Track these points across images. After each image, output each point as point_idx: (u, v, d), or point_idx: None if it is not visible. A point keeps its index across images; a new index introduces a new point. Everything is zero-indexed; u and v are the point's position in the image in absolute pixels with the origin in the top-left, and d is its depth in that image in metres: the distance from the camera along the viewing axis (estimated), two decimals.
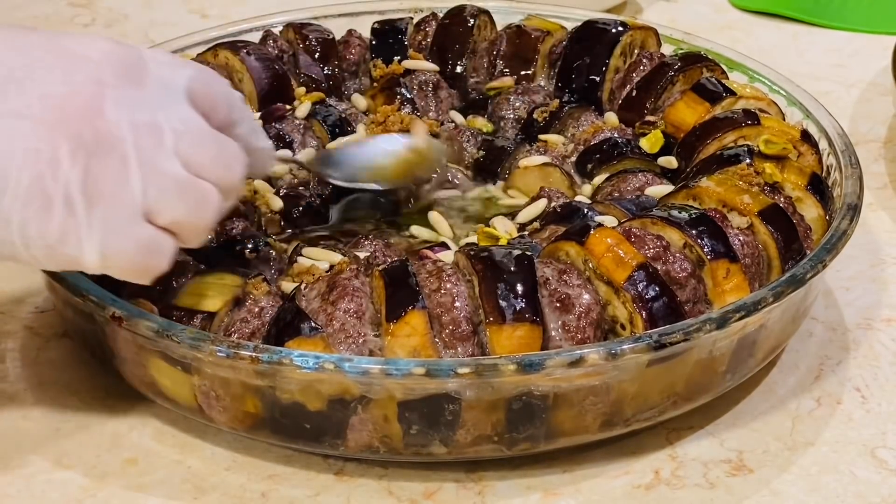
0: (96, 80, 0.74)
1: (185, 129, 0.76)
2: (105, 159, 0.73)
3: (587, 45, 1.07)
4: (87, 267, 0.74)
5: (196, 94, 0.78)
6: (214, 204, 0.77)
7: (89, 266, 0.74)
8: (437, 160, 0.99)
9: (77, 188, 0.72)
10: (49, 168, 0.72)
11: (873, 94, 1.25)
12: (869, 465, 0.83)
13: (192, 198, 0.76)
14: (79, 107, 0.73)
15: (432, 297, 0.80)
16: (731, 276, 0.84)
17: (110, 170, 0.73)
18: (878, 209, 1.08)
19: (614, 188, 0.97)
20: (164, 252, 0.76)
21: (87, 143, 0.72)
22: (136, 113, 0.74)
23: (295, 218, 0.96)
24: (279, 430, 0.80)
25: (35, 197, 0.72)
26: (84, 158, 0.72)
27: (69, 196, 0.72)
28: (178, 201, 0.75)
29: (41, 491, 0.81)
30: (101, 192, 0.73)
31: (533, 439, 0.80)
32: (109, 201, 0.73)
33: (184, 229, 0.76)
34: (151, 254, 0.75)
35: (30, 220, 0.72)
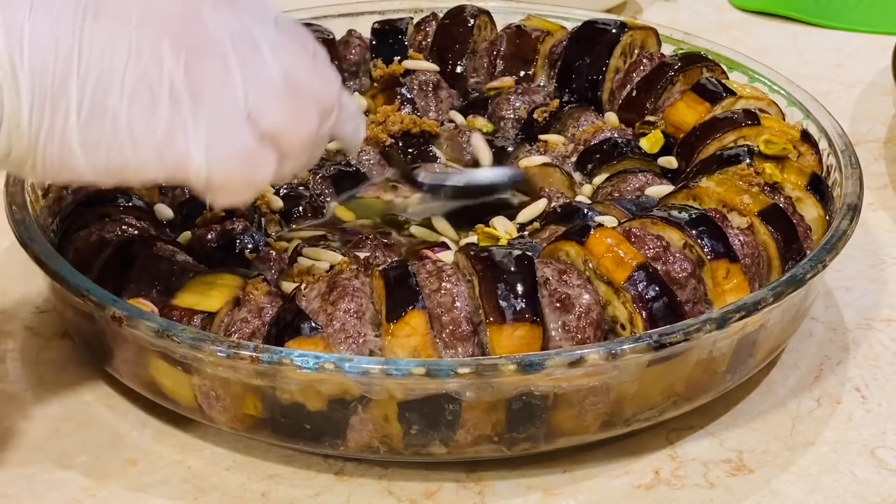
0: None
1: (281, 43, 0.76)
2: (207, 59, 0.72)
3: (587, 45, 1.07)
4: (193, 170, 0.73)
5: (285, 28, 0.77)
6: (314, 114, 0.76)
7: (196, 168, 0.73)
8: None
9: (182, 84, 0.72)
10: (153, 65, 0.71)
11: (873, 94, 1.25)
12: (869, 465, 0.83)
13: (292, 104, 0.75)
14: (176, 11, 0.73)
15: (432, 297, 0.80)
16: (731, 276, 0.84)
17: (213, 69, 0.72)
18: (878, 209, 1.08)
19: (614, 188, 0.97)
20: (268, 164, 0.75)
21: (188, 43, 0.72)
22: (234, 22, 0.74)
23: (295, 218, 0.96)
24: (279, 430, 0.80)
25: (141, 93, 0.71)
26: (186, 57, 0.72)
27: (175, 92, 0.72)
28: (280, 107, 0.74)
29: (41, 491, 0.81)
30: (204, 91, 0.72)
31: (533, 439, 0.80)
32: (214, 100, 0.72)
33: (286, 138, 0.75)
34: (256, 163, 0.74)
35: (137, 118, 0.71)
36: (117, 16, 0.72)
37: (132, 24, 0.72)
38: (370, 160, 1.02)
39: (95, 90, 0.71)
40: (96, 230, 0.88)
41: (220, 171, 0.74)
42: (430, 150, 1.04)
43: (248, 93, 0.73)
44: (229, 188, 0.75)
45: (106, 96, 0.71)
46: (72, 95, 0.71)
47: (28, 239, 0.86)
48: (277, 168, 0.76)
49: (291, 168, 0.77)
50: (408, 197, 0.99)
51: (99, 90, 0.71)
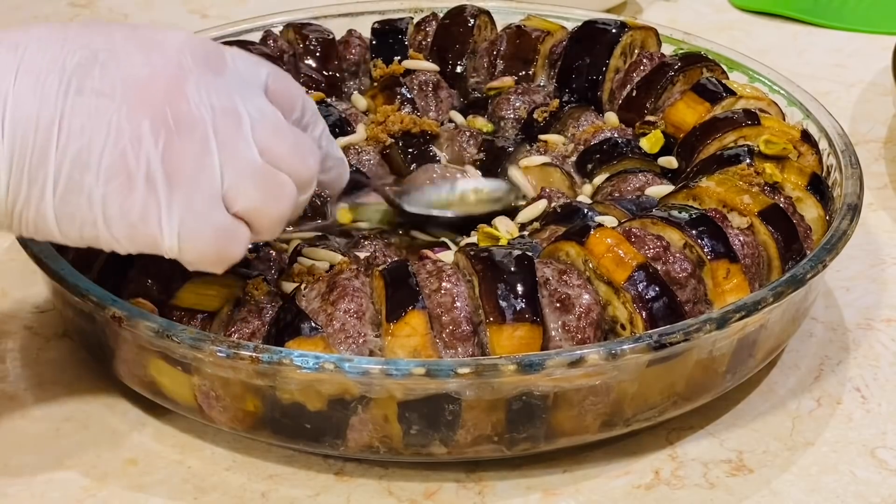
0: (177, 63, 0.74)
1: (263, 118, 0.76)
2: (186, 139, 0.73)
3: (587, 45, 1.07)
4: (164, 249, 0.74)
5: (272, 89, 0.78)
6: (290, 194, 0.77)
7: (167, 247, 0.74)
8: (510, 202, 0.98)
9: (158, 166, 0.72)
10: (132, 145, 0.72)
11: (873, 94, 1.25)
12: (869, 465, 0.83)
13: (269, 186, 0.75)
14: (160, 88, 0.73)
15: (432, 297, 0.80)
16: (732, 276, 0.84)
17: (191, 150, 0.73)
18: (878, 209, 1.08)
19: (614, 188, 0.97)
20: (240, 240, 0.76)
21: (169, 122, 0.73)
22: (216, 97, 0.74)
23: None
24: (279, 430, 0.80)
25: (117, 174, 0.72)
26: (165, 137, 0.72)
27: (151, 174, 0.72)
28: (255, 188, 0.75)
29: (41, 491, 0.81)
30: (181, 173, 0.73)
31: (533, 439, 0.80)
32: (190, 182, 0.73)
33: (259, 218, 0.76)
34: (227, 241, 0.75)
35: (112, 198, 0.73)
36: (100, 91, 0.72)
37: (115, 100, 0.72)
38: (370, 160, 1.02)
39: (73, 166, 0.72)
40: None
41: (193, 249, 0.75)
42: (431, 149, 1.03)
43: (225, 174, 0.74)
44: (201, 263, 0.76)
45: (83, 174, 0.72)
46: (49, 169, 0.72)
47: (28, 239, 0.86)
48: (249, 241, 0.77)
49: (265, 237, 0.78)
50: None
51: (76, 167, 0.72)
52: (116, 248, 0.75)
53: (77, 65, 0.73)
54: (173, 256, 0.75)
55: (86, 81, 0.72)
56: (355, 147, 1.02)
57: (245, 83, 0.77)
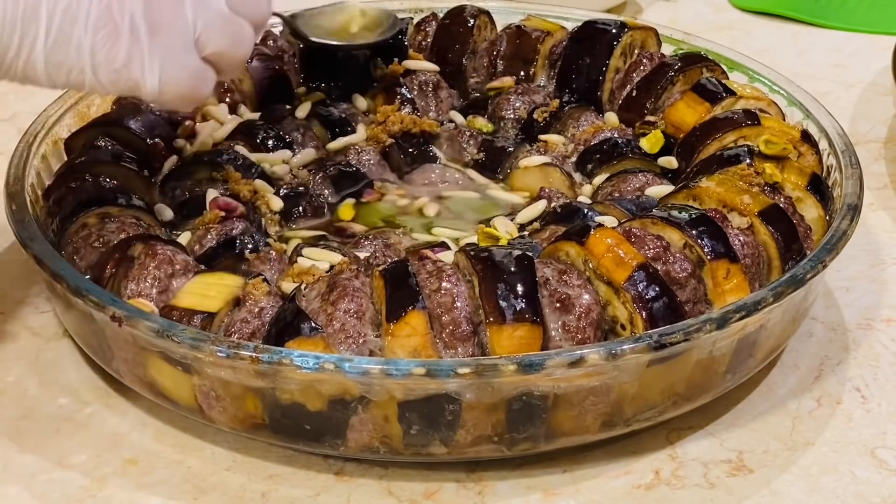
0: None
1: None
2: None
3: (587, 45, 1.07)
4: (145, 91, 0.82)
5: None
6: (250, 38, 0.86)
7: (148, 89, 0.82)
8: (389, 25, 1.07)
9: (140, 17, 0.80)
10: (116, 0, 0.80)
11: (873, 94, 1.25)
12: (869, 465, 0.83)
13: (233, 31, 0.84)
14: None
15: (432, 297, 0.80)
16: (732, 276, 0.84)
17: (167, 3, 0.81)
18: (878, 209, 1.08)
19: (614, 188, 0.97)
20: (209, 81, 0.85)
21: None
22: None
23: (295, 218, 0.96)
24: (279, 430, 0.80)
25: (104, 25, 0.80)
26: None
27: (134, 24, 0.80)
28: (222, 35, 0.84)
29: (41, 491, 0.81)
30: (160, 22, 0.81)
31: (533, 439, 0.80)
32: (168, 30, 0.81)
33: (224, 60, 0.85)
34: (199, 82, 0.84)
35: (99, 46, 0.80)
36: None
37: None
38: (370, 160, 1.02)
39: (63, 20, 0.79)
40: (96, 230, 0.88)
41: (170, 90, 0.83)
42: (430, 149, 1.04)
43: (197, 23, 0.83)
44: (176, 102, 0.85)
45: (72, 26, 0.79)
46: (41, 22, 0.79)
47: (28, 239, 0.86)
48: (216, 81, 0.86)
49: (228, 77, 0.92)
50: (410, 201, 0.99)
51: (66, 20, 0.79)
52: (99, 91, 0.82)
53: None
54: (152, 98, 0.83)
55: None
56: (355, 147, 1.02)
57: None
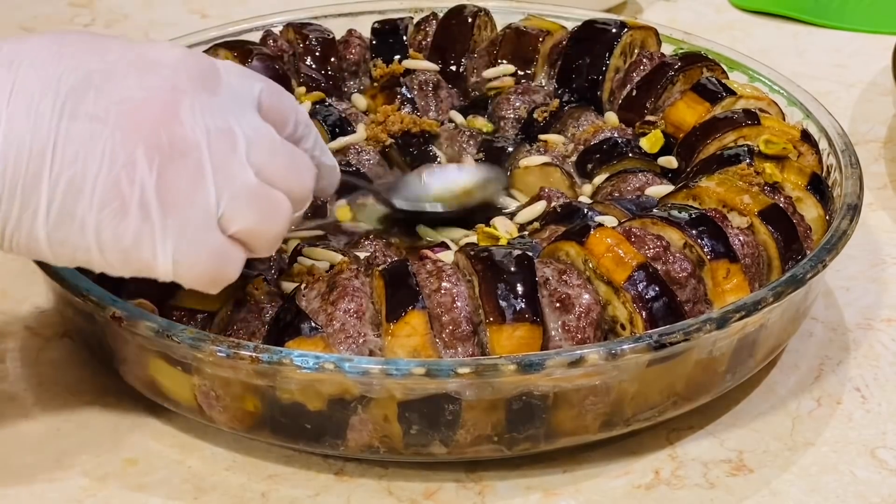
0: (172, 85, 0.73)
1: (258, 137, 0.75)
2: (180, 164, 0.72)
3: (587, 44, 1.07)
4: (159, 273, 0.74)
5: (266, 105, 0.78)
6: (286, 213, 0.77)
7: (161, 273, 0.74)
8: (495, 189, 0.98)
9: (152, 192, 0.72)
10: (125, 172, 0.72)
11: (873, 94, 1.25)
12: (869, 465, 0.83)
13: (264, 206, 0.75)
14: (155, 111, 0.72)
15: (432, 297, 0.80)
16: (731, 276, 0.84)
17: (185, 175, 0.72)
18: (878, 209, 1.08)
19: (614, 188, 0.97)
20: (234, 262, 0.76)
21: (163, 147, 0.72)
22: (211, 118, 0.74)
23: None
24: (279, 430, 0.80)
25: (111, 201, 0.72)
26: (160, 163, 0.72)
27: (145, 200, 0.72)
28: (250, 210, 0.75)
29: (41, 491, 0.81)
30: (176, 198, 0.72)
31: (533, 439, 0.80)
32: (184, 207, 0.73)
33: (254, 238, 0.76)
34: (222, 263, 0.75)
35: (105, 225, 0.72)
36: (94, 116, 0.72)
37: (109, 125, 0.72)
38: (370, 160, 1.02)
39: (66, 193, 0.71)
40: None
41: (187, 273, 0.74)
42: (431, 149, 1.03)
43: (221, 197, 0.74)
44: (197, 284, 0.76)
45: (76, 202, 0.72)
46: (42, 195, 0.71)
47: None
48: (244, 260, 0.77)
49: (262, 255, 0.78)
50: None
51: (69, 193, 0.71)
52: (110, 271, 0.75)
53: (71, 88, 0.72)
54: (168, 280, 0.75)
55: (80, 106, 0.72)
56: (355, 147, 1.02)
57: (239, 101, 0.76)
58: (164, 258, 0.73)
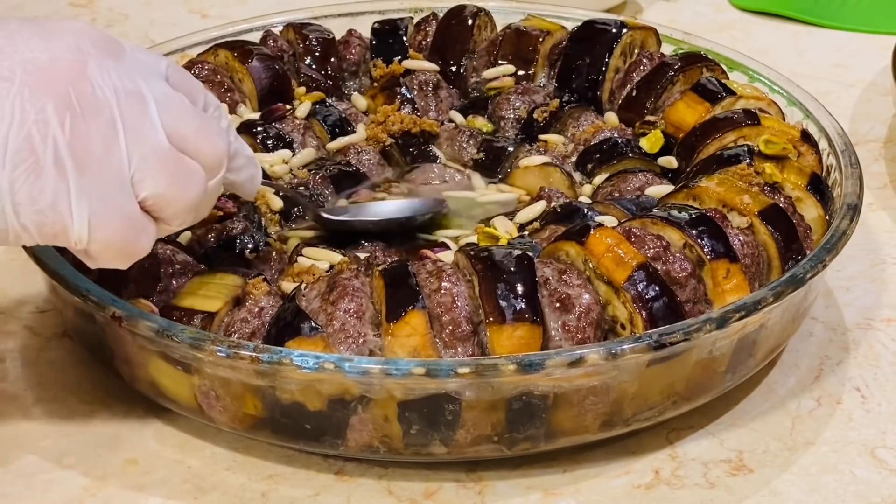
0: (76, 47, 0.72)
1: (168, 100, 0.75)
2: (92, 122, 0.72)
3: (587, 45, 1.07)
4: (73, 236, 0.72)
5: (174, 80, 0.77)
6: (199, 181, 0.75)
7: (76, 235, 0.72)
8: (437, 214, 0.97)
9: (66, 149, 0.71)
10: (37, 129, 0.70)
11: (873, 94, 1.25)
12: (869, 465, 0.83)
13: (176, 171, 0.74)
14: (62, 70, 0.72)
15: (432, 297, 0.80)
16: (731, 275, 0.84)
17: (98, 133, 0.71)
18: (878, 209, 1.08)
19: (614, 188, 0.97)
20: (147, 233, 0.74)
21: (74, 105, 0.71)
22: (118, 80, 0.73)
23: (295, 218, 0.96)
24: (279, 430, 0.80)
25: (24, 158, 0.70)
26: (71, 120, 0.71)
27: (59, 157, 0.71)
28: (161, 173, 0.73)
29: (41, 491, 0.81)
30: (89, 156, 0.71)
31: (533, 439, 0.80)
32: (98, 166, 0.71)
33: (166, 205, 0.74)
34: (135, 231, 0.74)
35: (20, 184, 0.71)
36: (2, 76, 0.71)
37: (15, 84, 0.71)
38: (370, 160, 1.02)
39: None
40: None
41: (101, 237, 0.73)
42: (430, 149, 1.04)
43: (132, 158, 0.72)
44: (106, 256, 0.75)
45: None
46: None
47: None
48: (157, 233, 0.76)
49: (175, 228, 0.77)
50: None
51: None
52: (24, 238, 0.73)
53: None
54: (81, 246, 0.73)
55: None
56: (355, 147, 1.02)
57: (145, 69, 0.75)
58: (79, 220, 0.72)
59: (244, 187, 0.83)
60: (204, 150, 0.76)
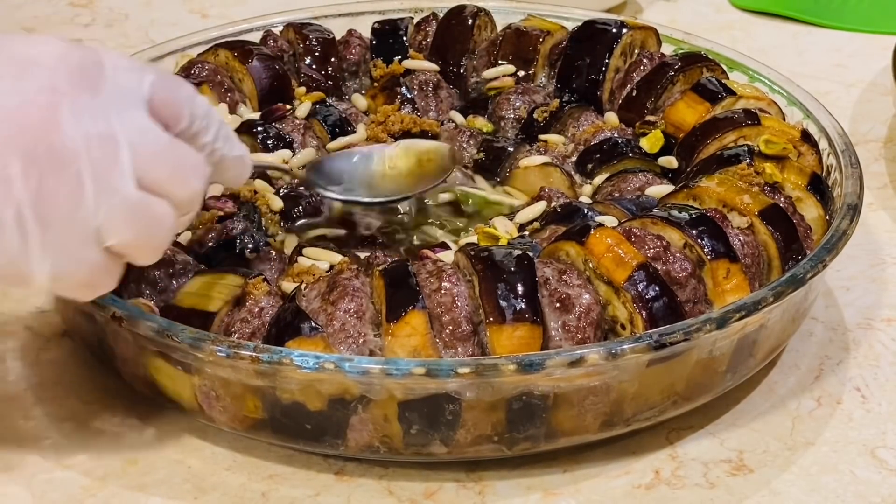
0: (50, 88, 0.69)
1: (142, 141, 0.72)
2: (59, 177, 0.69)
3: (587, 45, 1.07)
4: (33, 288, 0.72)
5: (157, 102, 0.74)
6: (167, 225, 0.74)
7: (37, 286, 0.71)
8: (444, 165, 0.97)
9: (29, 209, 0.69)
10: (1, 188, 0.68)
11: (873, 94, 1.25)
12: (869, 465, 0.83)
13: (143, 220, 0.72)
14: (32, 120, 0.69)
15: (432, 297, 0.80)
16: (731, 275, 0.84)
17: (65, 188, 0.69)
18: (878, 209, 1.08)
19: (614, 188, 0.97)
20: (113, 273, 0.74)
21: (41, 159, 0.69)
22: (92, 123, 0.70)
23: (295, 218, 0.96)
24: (279, 430, 0.80)
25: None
26: (37, 177, 0.69)
27: (21, 216, 0.69)
28: (127, 225, 0.72)
29: (41, 491, 0.81)
30: (54, 212, 0.69)
31: (533, 439, 0.80)
32: (63, 222, 0.70)
33: (133, 250, 0.73)
34: (101, 275, 0.73)
35: None
36: None
37: None
38: None
39: None
40: None
41: (64, 286, 0.72)
42: None
43: (99, 210, 0.70)
44: (71, 294, 0.74)
45: None
46: None
47: None
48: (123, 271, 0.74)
49: (143, 264, 0.76)
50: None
51: None
52: None
53: None
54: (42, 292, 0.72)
55: None
56: (355, 147, 1.02)
57: (124, 99, 0.72)
58: (41, 275, 0.70)
59: (233, 183, 0.83)
60: (177, 191, 0.74)
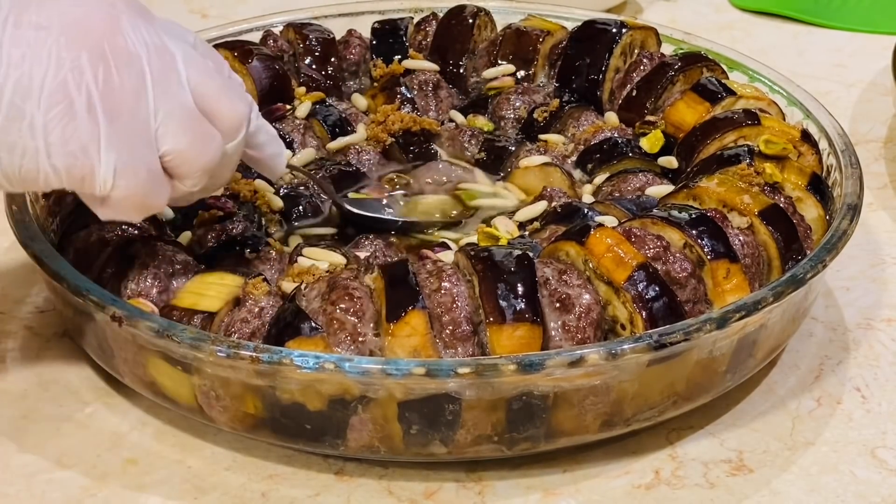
0: (109, 3, 0.75)
1: (194, 59, 0.78)
2: (124, 74, 0.75)
3: (587, 44, 1.07)
4: (98, 182, 0.75)
5: (201, 50, 0.80)
6: (216, 144, 0.78)
7: (101, 181, 0.75)
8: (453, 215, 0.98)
9: (98, 97, 0.74)
10: (72, 76, 0.73)
11: (873, 94, 1.25)
12: (869, 465, 0.83)
13: (196, 131, 0.77)
14: (96, 23, 0.75)
15: (432, 297, 0.80)
16: (731, 276, 0.84)
17: (129, 84, 0.75)
18: (878, 209, 1.08)
19: (614, 188, 0.97)
20: (164, 189, 0.77)
21: (107, 56, 0.74)
22: (149, 36, 0.76)
23: (295, 218, 0.96)
24: (279, 430, 0.80)
25: (58, 101, 0.73)
26: (104, 70, 0.74)
27: (92, 104, 0.74)
28: (183, 131, 0.76)
29: (41, 491, 0.81)
30: (120, 106, 0.74)
31: (533, 439, 0.80)
32: (128, 116, 0.74)
33: (183, 163, 0.77)
34: (155, 186, 0.76)
35: (53, 125, 0.73)
36: (39, 25, 0.74)
37: (53, 33, 0.74)
38: (370, 160, 1.02)
39: (14, 93, 0.73)
40: (96, 230, 0.88)
41: (123, 187, 0.75)
42: (432, 147, 1.03)
43: (159, 112, 0.76)
44: (124, 206, 0.77)
45: (24, 101, 0.73)
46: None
47: (28, 239, 0.86)
48: (173, 192, 0.78)
49: (190, 188, 0.79)
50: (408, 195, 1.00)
51: (18, 93, 0.73)
52: (52, 181, 0.75)
53: (12, 2, 0.74)
54: (104, 192, 0.75)
55: (23, 16, 0.74)
56: (356, 147, 1.02)
57: (174, 32, 0.79)
58: (106, 166, 0.74)
59: (269, 164, 0.86)
60: (224, 110, 0.78)
